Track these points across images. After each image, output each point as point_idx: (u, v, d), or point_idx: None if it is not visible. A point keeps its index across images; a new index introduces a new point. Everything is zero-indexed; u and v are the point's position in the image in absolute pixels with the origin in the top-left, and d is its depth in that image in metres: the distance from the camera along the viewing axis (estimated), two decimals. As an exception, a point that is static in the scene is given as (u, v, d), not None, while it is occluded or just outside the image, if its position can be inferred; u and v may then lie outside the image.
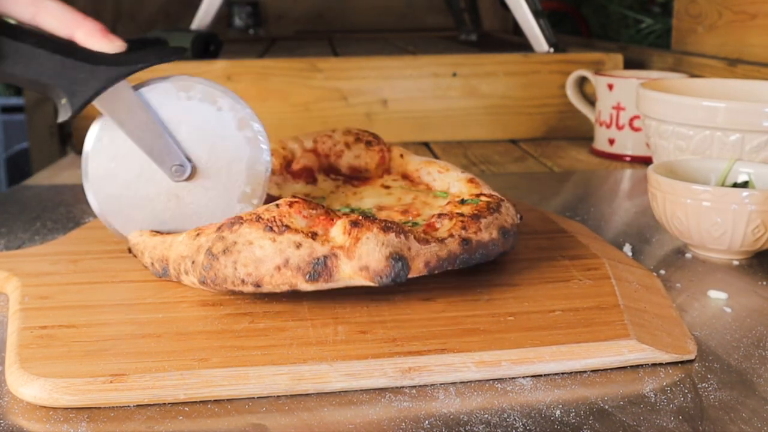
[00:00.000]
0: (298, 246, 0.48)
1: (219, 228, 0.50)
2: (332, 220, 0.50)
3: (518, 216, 0.60)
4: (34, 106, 2.03)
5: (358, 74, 1.20)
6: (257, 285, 0.49)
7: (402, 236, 0.49)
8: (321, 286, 0.49)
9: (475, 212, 0.54)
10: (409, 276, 0.49)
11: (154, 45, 0.56)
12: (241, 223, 0.50)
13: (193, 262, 0.51)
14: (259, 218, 0.50)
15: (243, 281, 0.49)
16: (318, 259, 0.48)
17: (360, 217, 0.49)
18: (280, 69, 1.18)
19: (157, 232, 0.58)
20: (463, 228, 0.53)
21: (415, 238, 0.50)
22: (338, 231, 0.49)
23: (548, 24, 1.31)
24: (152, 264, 0.55)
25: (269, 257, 0.48)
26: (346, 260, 0.48)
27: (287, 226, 0.49)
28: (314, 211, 0.51)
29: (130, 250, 0.59)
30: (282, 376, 0.43)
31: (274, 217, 0.50)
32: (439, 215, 0.55)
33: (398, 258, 0.48)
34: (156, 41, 0.57)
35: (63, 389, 0.42)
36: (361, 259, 0.48)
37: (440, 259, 0.50)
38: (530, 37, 1.29)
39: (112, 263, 0.60)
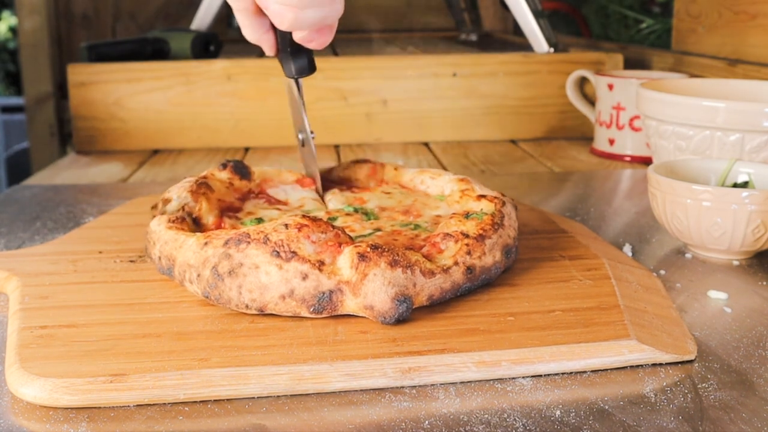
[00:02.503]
0: (305, 277, 0.48)
1: (226, 243, 0.50)
2: (340, 246, 0.50)
3: (515, 209, 0.60)
4: (34, 106, 2.03)
5: (358, 74, 1.20)
6: (261, 310, 0.49)
7: (408, 271, 0.49)
8: (324, 315, 0.49)
9: (481, 232, 0.55)
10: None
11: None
12: (248, 242, 0.49)
13: (198, 275, 0.51)
14: (266, 239, 0.49)
15: (247, 306, 0.49)
16: (323, 293, 0.48)
17: (368, 249, 0.49)
18: (280, 69, 1.18)
19: (174, 222, 0.57)
20: (468, 253, 0.53)
21: (420, 271, 0.50)
22: (345, 263, 0.49)
23: (548, 24, 1.31)
24: (159, 259, 0.55)
25: (275, 285, 0.48)
26: (351, 296, 0.48)
27: (294, 253, 0.49)
28: (323, 236, 0.50)
29: (154, 208, 0.59)
30: (282, 376, 0.43)
31: (281, 240, 0.49)
32: (445, 235, 0.54)
33: (403, 300, 0.48)
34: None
35: (63, 389, 0.42)
36: (366, 298, 0.48)
37: (444, 291, 0.51)
38: (530, 37, 1.29)
39: (112, 263, 0.60)
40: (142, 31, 2.16)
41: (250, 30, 0.59)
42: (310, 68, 0.63)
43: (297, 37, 0.57)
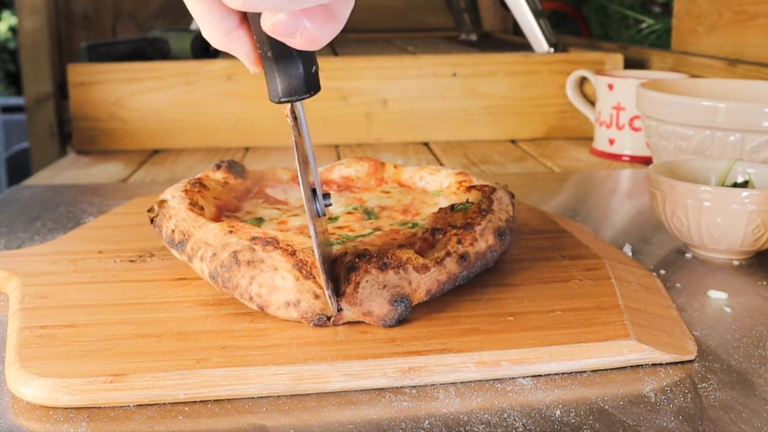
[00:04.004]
0: (316, 297, 0.48)
1: (253, 239, 0.50)
2: None
3: (512, 197, 0.60)
4: (34, 106, 2.03)
5: (358, 74, 1.20)
6: (261, 308, 0.49)
7: (401, 271, 0.49)
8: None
9: (468, 221, 0.54)
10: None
11: None
12: (276, 246, 0.50)
13: (214, 254, 0.51)
14: (294, 252, 0.49)
15: (251, 298, 0.49)
16: (327, 314, 0.48)
17: (356, 260, 0.49)
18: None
19: (193, 206, 0.57)
20: (459, 242, 0.53)
21: (413, 267, 0.50)
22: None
23: (548, 24, 1.31)
24: (173, 231, 0.55)
25: (286, 291, 0.48)
26: (348, 307, 0.48)
27: (314, 277, 0.49)
28: None
29: (150, 211, 0.59)
30: (282, 376, 0.43)
31: (307, 261, 0.49)
32: (433, 230, 0.54)
33: (400, 300, 0.48)
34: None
35: (63, 389, 0.42)
36: (363, 305, 0.48)
37: (441, 283, 0.51)
38: (530, 37, 1.29)
39: (112, 263, 0.60)
40: (142, 31, 2.16)
41: (209, 24, 0.38)
42: (308, 85, 0.41)
43: (267, 25, 0.36)
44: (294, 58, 0.40)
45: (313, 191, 0.46)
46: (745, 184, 0.69)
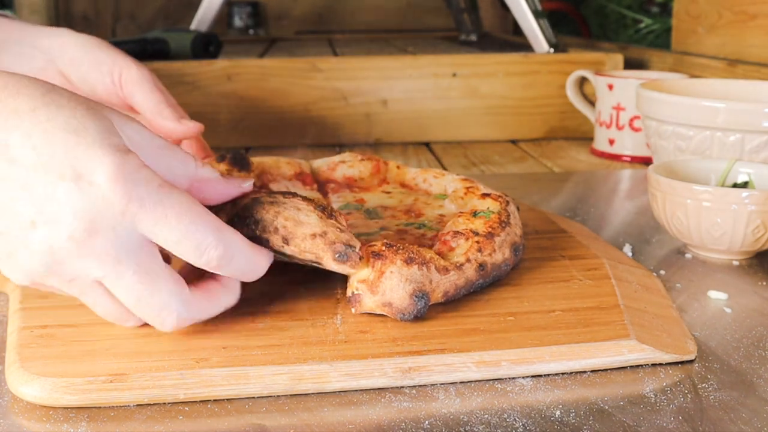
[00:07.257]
0: (341, 230, 0.49)
1: (272, 193, 0.51)
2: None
3: (517, 208, 0.60)
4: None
5: (358, 74, 1.20)
6: (286, 240, 0.48)
7: (424, 268, 0.49)
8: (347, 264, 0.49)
9: (489, 230, 0.55)
10: None
11: None
12: (296, 196, 0.50)
13: (232, 204, 0.50)
14: (310, 202, 0.50)
15: (276, 229, 0.48)
16: (353, 246, 0.48)
17: (383, 247, 0.49)
18: (280, 69, 1.18)
19: None
20: (479, 250, 0.53)
21: (435, 268, 0.50)
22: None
23: (548, 24, 1.31)
24: None
25: (311, 225, 0.48)
26: (369, 294, 0.48)
27: (335, 216, 0.50)
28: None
29: None
30: (282, 376, 0.43)
31: (327, 206, 0.50)
32: (455, 233, 0.54)
33: (421, 295, 0.48)
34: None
35: (63, 389, 0.42)
36: (385, 295, 0.48)
37: (458, 287, 0.51)
38: (530, 37, 1.29)
39: (112, 263, 0.60)
40: (142, 31, 2.16)
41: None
42: None
43: None
44: None
45: None
46: (745, 185, 0.69)
